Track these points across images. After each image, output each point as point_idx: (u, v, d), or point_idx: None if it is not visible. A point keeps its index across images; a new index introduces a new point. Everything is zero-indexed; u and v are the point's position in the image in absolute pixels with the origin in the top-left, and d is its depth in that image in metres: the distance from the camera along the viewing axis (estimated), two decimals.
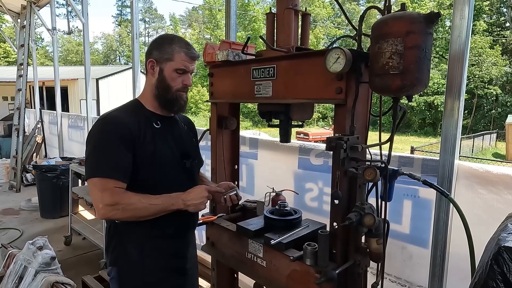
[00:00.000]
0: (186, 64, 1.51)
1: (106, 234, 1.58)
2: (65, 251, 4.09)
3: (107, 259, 1.58)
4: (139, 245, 1.49)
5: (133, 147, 1.41)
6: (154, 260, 1.52)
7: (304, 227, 1.67)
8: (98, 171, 1.37)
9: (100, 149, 1.40)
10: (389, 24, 1.20)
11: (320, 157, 2.35)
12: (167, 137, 1.55)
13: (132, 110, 1.52)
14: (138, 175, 1.43)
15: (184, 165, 1.59)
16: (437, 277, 1.78)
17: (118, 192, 1.35)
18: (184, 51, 1.49)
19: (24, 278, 2.66)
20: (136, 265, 1.50)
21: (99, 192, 1.34)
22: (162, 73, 1.49)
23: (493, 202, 1.63)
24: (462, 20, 1.63)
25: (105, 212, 1.34)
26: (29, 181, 6.95)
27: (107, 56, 49.38)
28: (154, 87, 1.52)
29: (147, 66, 1.52)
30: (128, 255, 1.50)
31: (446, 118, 1.72)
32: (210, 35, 36.06)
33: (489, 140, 20.75)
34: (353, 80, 1.35)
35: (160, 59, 1.49)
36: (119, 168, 1.37)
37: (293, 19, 1.64)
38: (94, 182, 1.36)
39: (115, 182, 1.35)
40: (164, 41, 1.50)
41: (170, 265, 1.56)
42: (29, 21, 7.17)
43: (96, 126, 1.45)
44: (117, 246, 1.52)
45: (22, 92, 7.15)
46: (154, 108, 1.55)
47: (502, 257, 0.77)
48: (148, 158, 1.45)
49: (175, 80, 1.51)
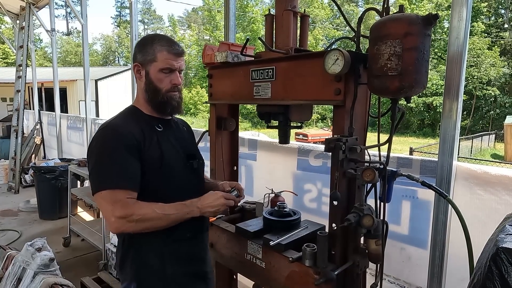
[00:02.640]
0: (170, 63, 1.43)
1: (120, 248, 1.48)
2: (64, 252, 4.08)
3: (122, 275, 1.47)
4: (159, 253, 1.42)
5: (139, 153, 1.36)
6: (175, 267, 1.46)
7: (303, 228, 1.67)
8: (105, 183, 1.28)
9: (105, 160, 1.32)
10: (388, 26, 1.21)
11: (319, 158, 2.36)
12: (171, 139, 1.51)
13: (131, 116, 1.48)
14: (147, 181, 1.38)
15: (191, 166, 1.55)
16: (436, 277, 1.78)
17: (130, 204, 1.27)
18: (166, 48, 1.41)
19: (23, 280, 2.65)
20: (158, 274, 1.43)
21: (109, 205, 1.26)
22: (148, 76, 1.43)
23: (492, 203, 1.64)
24: (460, 22, 1.64)
25: (118, 225, 1.26)
26: (28, 182, 6.94)
27: (106, 57, 49.34)
28: (144, 91, 1.46)
29: (133, 70, 1.47)
30: (150, 265, 1.42)
31: (444, 119, 1.73)
32: (209, 36, 36.09)
33: (487, 141, 20.78)
34: (351, 81, 1.35)
35: (144, 61, 1.43)
36: (127, 177, 1.30)
37: (292, 21, 1.64)
38: (103, 196, 1.28)
39: (126, 193, 1.28)
40: (146, 42, 1.44)
41: (191, 270, 1.52)
42: (28, 22, 7.17)
43: (98, 137, 1.38)
44: (136, 258, 1.43)
45: (21, 93, 7.14)
46: (150, 112, 1.51)
47: (500, 258, 0.77)
48: (157, 162, 1.40)
49: (163, 81, 1.43)
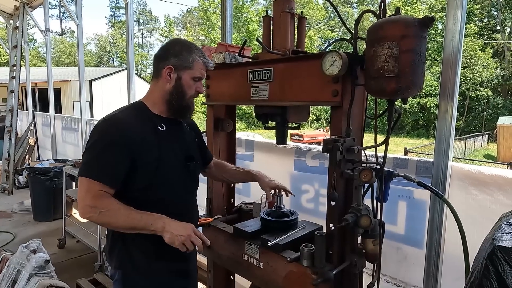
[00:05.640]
0: (203, 73, 1.54)
1: (109, 237, 1.56)
2: (59, 254, 4.04)
3: (110, 262, 1.56)
4: (143, 249, 1.48)
5: (133, 152, 1.40)
6: (159, 263, 1.51)
7: (301, 228, 1.68)
8: (88, 171, 1.37)
9: (96, 150, 1.40)
10: (385, 28, 1.22)
11: (316, 159, 2.37)
12: (172, 140, 1.55)
13: (136, 113, 1.51)
14: (142, 179, 1.43)
15: (188, 168, 1.59)
16: (431, 277, 1.80)
17: (100, 196, 1.35)
18: (203, 60, 1.52)
19: (18, 282, 2.63)
20: (141, 269, 1.49)
21: (83, 192, 1.36)
22: (180, 81, 1.50)
23: (486, 202, 1.66)
24: (455, 24, 1.66)
25: (83, 212, 1.36)
26: (22, 183, 6.87)
27: (101, 58, 49.04)
28: (168, 93, 1.51)
29: (162, 71, 1.50)
30: (133, 259, 1.49)
31: (440, 120, 1.75)
32: (205, 36, 36.05)
33: (480, 141, 21.02)
34: (349, 83, 1.36)
35: (179, 66, 1.49)
36: (109, 173, 1.37)
37: (289, 22, 1.65)
38: (82, 181, 1.37)
39: (102, 186, 1.35)
40: (183, 49, 1.50)
41: (174, 267, 1.55)
42: (22, 22, 7.10)
43: (99, 127, 1.44)
44: (121, 250, 1.50)
45: (15, 93, 7.07)
46: (160, 112, 1.54)
47: (497, 256, 0.79)
48: (154, 162, 1.44)
49: (191, 88, 1.52)
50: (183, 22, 48.11)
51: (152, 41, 53.76)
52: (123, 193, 1.42)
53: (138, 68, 42.52)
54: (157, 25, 52.69)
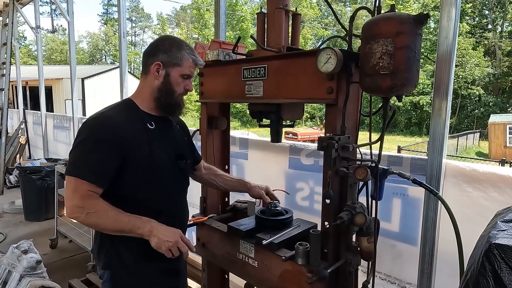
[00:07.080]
0: (192, 70, 1.53)
1: (97, 236, 1.54)
2: (51, 254, 4.00)
3: (98, 262, 1.54)
4: (132, 249, 1.46)
5: (123, 150, 1.38)
6: (148, 263, 1.49)
7: (296, 226, 1.68)
8: (75, 170, 1.34)
9: (84, 149, 1.37)
10: (380, 25, 1.22)
11: (310, 157, 2.36)
12: (163, 139, 1.53)
13: (125, 111, 1.49)
14: (132, 177, 1.41)
15: (179, 166, 1.58)
16: (426, 274, 1.80)
17: (88, 197, 1.32)
18: (193, 58, 1.51)
19: (9, 283, 2.59)
20: (129, 268, 1.48)
21: (71, 191, 1.33)
22: (168, 77, 1.48)
23: (480, 199, 1.67)
24: (449, 22, 1.66)
25: (70, 211, 1.33)
26: (12, 183, 6.78)
27: (93, 56, 48.56)
28: (156, 89, 1.49)
29: (150, 67, 1.48)
30: (122, 259, 1.47)
31: (434, 118, 1.75)
32: (198, 34, 35.87)
33: (472, 139, 21.26)
34: (344, 80, 1.35)
35: (167, 63, 1.47)
36: (97, 172, 1.34)
37: (283, 19, 1.64)
38: (69, 180, 1.34)
39: (90, 186, 1.32)
40: (173, 45, 1.49)
41: (163, 267, 1.54)
42: (12, 19, 6.99)
43: (87, 124, 1.41)
44: (110, 250, 1.48)
45: (5, 91, 6.97)
46: (149, 109, 1.52)
47: (493, 254, 0.79)
48: (145, 160, 1.42)
49: (179, 85, 1.51)
50: (176, 20, 47.83)
51: (145, 39, 53.31)
52: (112, 191, 1.39)
53: (131, 66, 42.15)
54: (150, 23, 52.32)
